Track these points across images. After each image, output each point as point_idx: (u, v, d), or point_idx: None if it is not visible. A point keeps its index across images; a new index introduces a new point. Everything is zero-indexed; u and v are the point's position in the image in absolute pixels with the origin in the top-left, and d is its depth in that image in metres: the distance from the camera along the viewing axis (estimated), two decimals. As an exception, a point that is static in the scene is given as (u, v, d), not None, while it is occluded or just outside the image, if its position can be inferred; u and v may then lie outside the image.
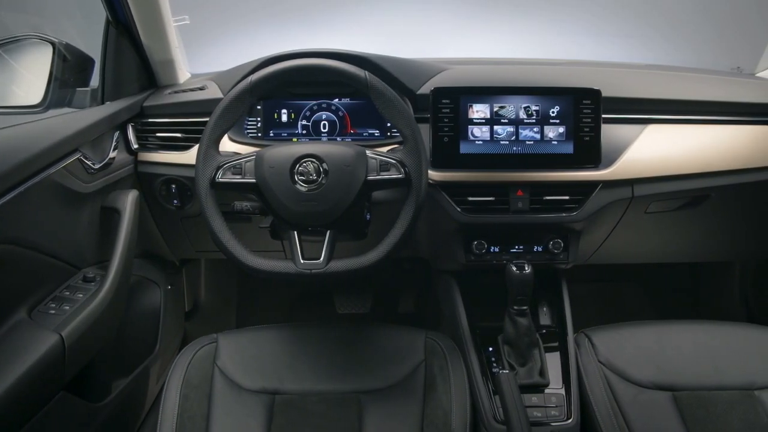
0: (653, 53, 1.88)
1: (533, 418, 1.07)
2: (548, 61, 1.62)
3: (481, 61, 1.64)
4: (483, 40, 2.40)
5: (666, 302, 1.95)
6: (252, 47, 1.98)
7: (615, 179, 1.22)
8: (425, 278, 1.81)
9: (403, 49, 2.08)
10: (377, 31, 2.46)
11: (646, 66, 1.58)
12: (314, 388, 1.15)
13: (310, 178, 1.04)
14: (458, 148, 1.21)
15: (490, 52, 2.14)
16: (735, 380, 1.16)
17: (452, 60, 1.54)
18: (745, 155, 1.28)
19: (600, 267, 1.88)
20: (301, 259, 1.06)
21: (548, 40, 2.21)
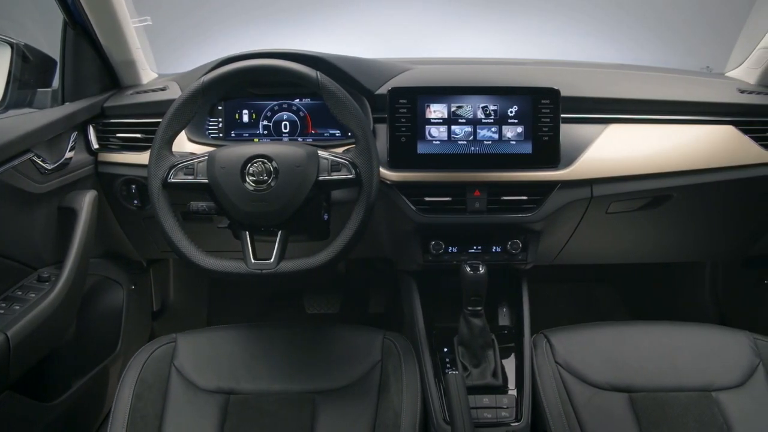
0: (626, 53, 1.87)
1: (483, 419, 1.07)
2: (513, 60, 1.62)
3: (449, 61, 1.64)
4: (479, 39, 2.39)
5: (639, 302, 1.94)
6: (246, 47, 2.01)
7: (573, 179, 1.21)
8: (394, 278, 1.81)
9: (399, 49, 2.09)
10: (373, 31, 2.46)
11: (616, 66, 1.57)
12: (270, 388, 1.15)
13: (261, 178, 1.04)
14: (415, 148, 1.21)
15: (486, 51, 2.13)
16: (693, 381, 1.15)
17: (420, 60, 1.54)
18: (707, 155, 1.27)
19: (573, 267, 1.87)
20: (253, 259, 1.06)
21: (541, 41, 2.21)
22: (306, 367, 1.18)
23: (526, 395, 1.11)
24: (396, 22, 2.42)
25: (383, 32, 2.36)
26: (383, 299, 1.88)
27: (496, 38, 2.27)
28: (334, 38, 2.42)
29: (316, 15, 2.52)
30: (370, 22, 2.46)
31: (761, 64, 1.38)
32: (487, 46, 2.27)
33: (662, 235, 1.42)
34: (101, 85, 1.32)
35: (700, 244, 1.48)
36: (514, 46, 2.27)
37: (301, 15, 2.51)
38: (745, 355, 1.19)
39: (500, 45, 2.23)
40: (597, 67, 1.57)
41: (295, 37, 2.43)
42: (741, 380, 1.15)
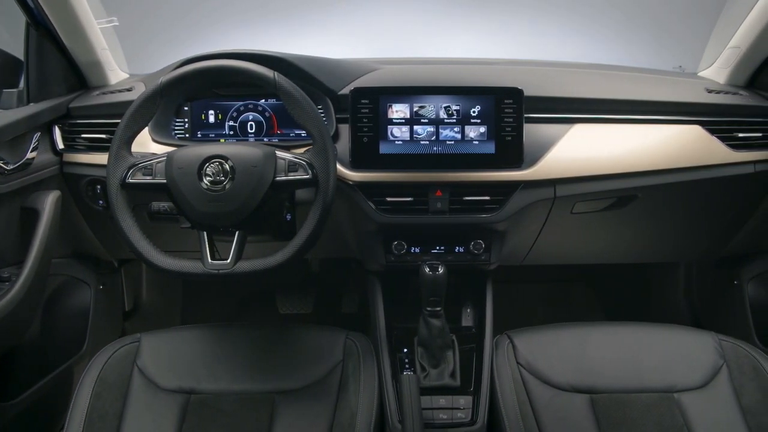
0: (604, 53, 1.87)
1: (438, 420, 1.07)
2: (481, 60, 1.62)
3: (420, 61, 1.64)
4: (475, 39, 2.39)
5: (615, 303, 1.93)
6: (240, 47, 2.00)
7: (536, 179, 1.21)
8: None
9: (395, 50, 2.09)
10: (367, 30, 2.46)
11: (587, 65, 1.57)
12: (230, 387, 1.15)
13: (217, 178, 1.04)
14: (378, 149, 1.21)
15: (482, 52, 2.12)
16: (656, 383, 1.15)
17: (391, 60, 1.54)
18: (673, 155, 1.26)
19: (549, 268, 1.87)
20: (210, 259, 1.07)
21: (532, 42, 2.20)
22: (267, 367, 1.18)
23: (483, 396, 1.11)
24: (390, 22, 2.42)
25: (376, 33, 2.36)
26: (356, 299, 1.88)
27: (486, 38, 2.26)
28: (328, 39, 2.42)
29: (311, 15, 2.53)
30: (365, 23, 2.46)
31: (730, 64, 1.38)
32: (476, 45, 2.27)
33: (630, 236, 1.41)
34: (67, 85, 1.32)
35: (671, 245, 1.48)
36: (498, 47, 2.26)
37: (296, 15, 2.51)
38: (710, 356, 1.18)
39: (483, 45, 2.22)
40: (567, 66, 1.56)
41: (291, 36, 2.44)
42: (704, 381, 1.15)
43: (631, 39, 1.88)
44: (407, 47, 2.22)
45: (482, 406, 1.10)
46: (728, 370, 1.16)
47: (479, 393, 1.11)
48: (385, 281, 1.34)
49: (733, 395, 1.13)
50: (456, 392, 1.12)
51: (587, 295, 1.95)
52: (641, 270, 1.87)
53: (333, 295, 1.89)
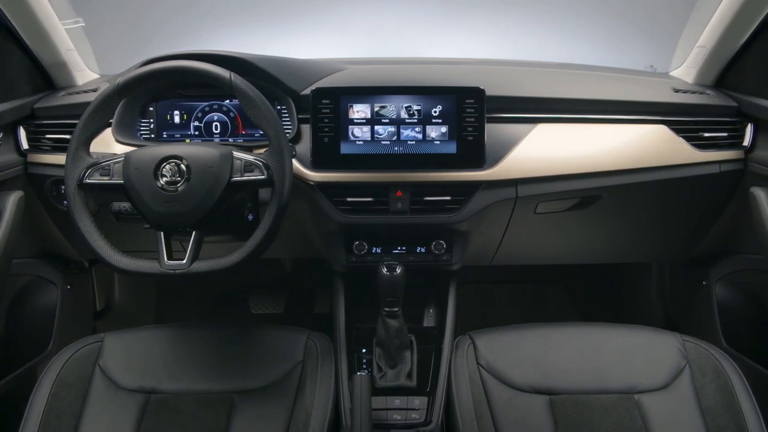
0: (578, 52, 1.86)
1: (392, 420, 1.06)
2: (447, 60, 1.61)
3: (393, 61, 1.64)
4: (469, 39, 2.39)
5: (589, 304, 1.92)
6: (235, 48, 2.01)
7: (497, 179, 1.20)
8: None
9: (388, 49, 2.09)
10: (361, 30, 2.46)
11: (556, 65, 1.56)
12: (190, 387, 1.15)
13: (173, 179, 1.05)
14: (338, 149, 1.21)
15: (476, 52, 2.12)
16: (617, 384, 1.14)
17: (360, 60, 1.54)
18: (637, 155, 1.25)
19: (523, 268, 1.86)
20: (166, 259, 1.07)
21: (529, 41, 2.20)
22: (228, 367, 1.18)
23: (438, 397, 1.11)
24: (385, 22, 2.42)
25: (371, 33, 2.36)
26: (329, 300, 1.88)
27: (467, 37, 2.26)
28: (322, 39, 2.43)
29: (305, 15, 2.53)
30: (359, 23, 2.46)
31: (697, 63, 1.37)
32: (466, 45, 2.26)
33: (598, 236, 1.40)
34: (33, 86, 1.33)
35: (640, 245, 1.47)
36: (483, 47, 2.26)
37: (290, 15, 2.52)
38: (673, 357, 1.17)
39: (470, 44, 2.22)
40: (533, 66, 1.56)
41: (283, 36, 2.44)
42: (665, 382, 1.14)
43: (608, 38, 1.88)
44: (401, 47, 2.22)
45: (437, 406, 1.09)
46: (690, 372, 1.15)
47: (435, 394, 1.11)
48: (349, 281, 1.34)
49: (694, 396, 1.12)
50: (411, 393, 1.11)
51: (562, 296, 1.94)
52: (616, 271, 1.86)
53: (306, 296, 1.89)
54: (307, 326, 1.26)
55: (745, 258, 1.34)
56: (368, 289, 1.33)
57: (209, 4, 2.48)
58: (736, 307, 1.39)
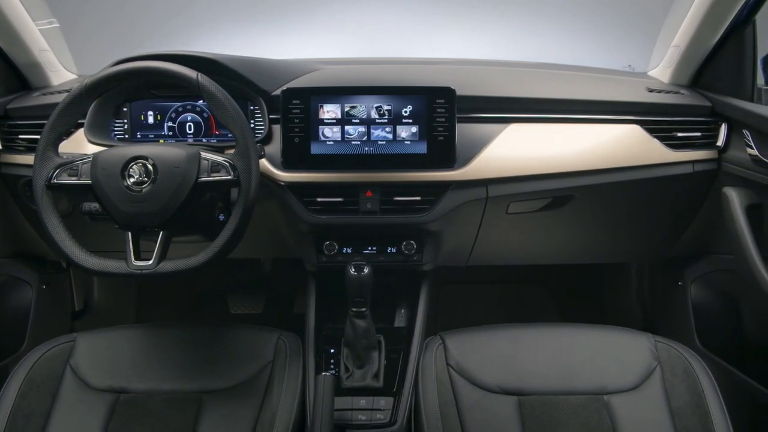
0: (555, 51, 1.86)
1: (357, 421, 1.06)
2: (421, 60, 1.61)
3: (368, 61, 1.64)
4: (464, 39, 2.38)
5: (570, 304, 1.92)
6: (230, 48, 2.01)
7: (467, 179, 1.20)
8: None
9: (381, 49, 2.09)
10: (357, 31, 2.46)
11: (532, 64, 1.56)
12: (160, 387, 1.15)
13: (140, 179, 1.05)
14: (309, 149, 1.21)
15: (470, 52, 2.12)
16: (587, 385, 1.14)
17: (336, 60, 1.54)
18: (609, 155, 1.25)
19: (505, 269, 1.86)
20: (134, 259, 1.07)
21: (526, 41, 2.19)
22: (198, 366, 1.19)
23: (404, 397, 1.10)
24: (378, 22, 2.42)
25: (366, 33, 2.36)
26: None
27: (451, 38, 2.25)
28: (318, 40, 2.43)
29: (300, 15, 2.53)
30: (353, 23, 2.47)
31: (672, 63, 1.36)
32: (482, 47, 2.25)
33: (572, 236, 1.40)
34: (6, 86, 1.33)
35: (616, 246, 1.46)
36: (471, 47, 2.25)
37: (283, 16, 2.52)
38: (644, 358, 1.17)
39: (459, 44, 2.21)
40: (506, 65, 1.56)
41: (281, 36, 2.45)
42: (636, 383, 1.14)
43: (588, 38, 1.87)
44: (399, 48, 2.22)
45: (403, 407, 1.09)
46: (661, 373, 1.15)
47: (401, 394, 1.11)
48: (321, 281, 1.34)
49: (664, 397, 1.12)
50: (378, 393, 1.11)
51: (545, 297, 1.94)
52: (596, 271, 1.85)
53: (285, 296, 1.89)
54: (286, 326, 1.26)
55: (719, 258, 1.34)
56: (340, 289, 1.33)
57: (205, 4, 2.48)
58: (710, 308, 1.39)
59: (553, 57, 1.68)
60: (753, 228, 1.14)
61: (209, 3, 2.52)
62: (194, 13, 2.40)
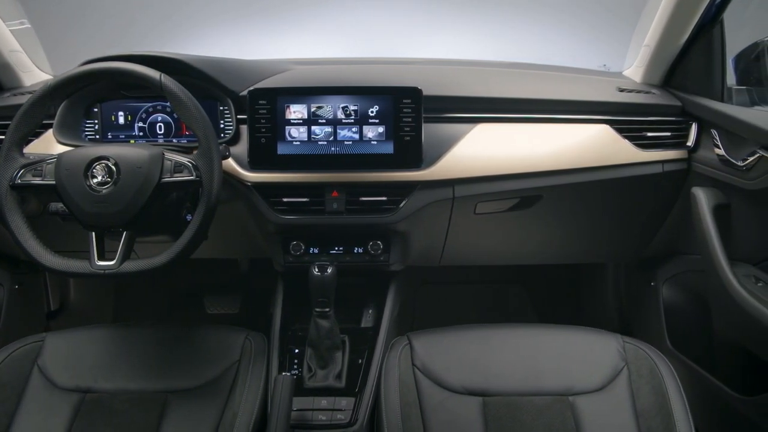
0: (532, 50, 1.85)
1: (317, 421, 1.06)
2: (390, 60, 1.61)
3: (342, 61, 1.63)
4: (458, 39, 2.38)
5: (548, 305, 1.91)
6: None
7: (434, 180, 1.20)
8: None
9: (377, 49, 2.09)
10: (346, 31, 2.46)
11: (505, 64, 1.56)
12: (126, 386, 1.16)
13: (103, 179, 1.06)
14: (275, 149, 1.21)
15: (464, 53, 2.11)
16: (553, 386, 1.13)
17: (311, 60, 1.54)
18: (578, 155, 1.25)
19: (484, 269, 1.85)
20: (97, 260, 1.07)
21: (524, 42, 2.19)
22: (164, 366, 1.19)
23: (365, 398, 1.10)
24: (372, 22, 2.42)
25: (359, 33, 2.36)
26: None
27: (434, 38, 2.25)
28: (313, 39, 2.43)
29: (295, 15, 2.54)
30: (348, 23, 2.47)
31: (644, 62, 1.36)
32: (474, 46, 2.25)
33: (542, 237, 1.39)
34: None
35: (587, 246, 1.46)
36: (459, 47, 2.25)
37: (278, 15, 2.52)
38: (611, 358, 1.16)
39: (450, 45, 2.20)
40: (481, 65, 1.55)
41: (273, 35, 2.45)
42: (602, 384, 1.13)
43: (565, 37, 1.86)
44: (390, 48, 2.22)
45: (364, 407, 1.09)
46: (628, 373, 1.14)
47: (363, 394, 1.11)
48: (290, 282, 1.34)
49: (630, 398, 1.11)
50: (339, 393, 1.11)
51: (522, 297, 1.93)
52: (574, 272, 1.85)
53: (261, 296, 1.89)
54: (261, 326, 1.26)
55: (690, 259, 1.33)
56: (307, 290, 1.34)
57: (200, 4, 2.49)
58: (680, 308, 1.38)
59: (532, 56, 1.68)
60: (720, 228, 1.14)
61: (204, 3, 2.52)
62: (188, 14, 2.41)
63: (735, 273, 1.08)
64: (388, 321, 1.26)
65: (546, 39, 1.88)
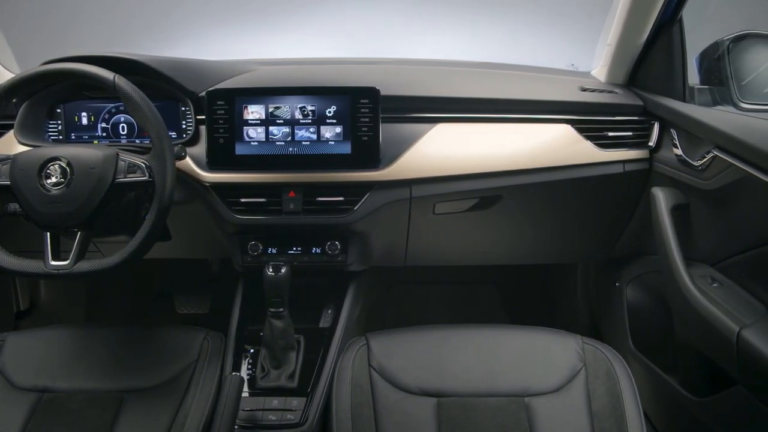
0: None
1: (267, 421, 1.06)
2: (350, 60, 1.61)
3: (312, 61, 1.64)
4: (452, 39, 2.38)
5: (519, 305, 1.90)
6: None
7: (391, 180, 1.20)
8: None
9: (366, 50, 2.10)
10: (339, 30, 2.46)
11: (472, 64, 1.55)
12: (84, 386, 1.16)
13: (57, 180, 1.06)
14: (233, 150, 1.21)
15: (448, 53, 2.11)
16: (509, 386, 1.13)
17: (278, 61, 1.54)
18: (538, 154, 1.24)
19: (457, 269, 1.85)
20: (51, 259, 1.08)
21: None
22: (122, 366, 1.19)
23: (316, 398, 1.10)
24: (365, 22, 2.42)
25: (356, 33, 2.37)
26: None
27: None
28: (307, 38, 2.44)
29: (292, 16, 2.54)
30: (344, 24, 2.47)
31: (607, 62, 1.35)
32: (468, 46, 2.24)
33: (506, 237, 1.39)
34: None
35: (554, 246, 1.45)
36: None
37: (273, 16, 2.53)
38: (569, 359, 1.15)
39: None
40: (445, 65, 1.55)
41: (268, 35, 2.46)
42: (559, 385, 1.12)
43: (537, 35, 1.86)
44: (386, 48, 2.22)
45: (314, 407, 1.09)
46: (586, 374, 1.14)
47: (314, 395, 1.11)
48: (250, 281, 1.34)
49: (585, 399, 1.10)
50: (291, 393, 1.11)
51: (494, 298, 1.93)
52: (545, 272, 1.84)
53: (232, 296, 1.89)
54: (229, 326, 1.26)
55: (652, 259, 1.32)
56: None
57: (195, 4, 2.50)
58: (642, 309, 1.37)
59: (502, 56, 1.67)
60: (679, 229, 1.13)
61: (198, 3, 2.54)
62: (184, 14, 2.42)
63: (690, 274, 1.07)
64: (345, 321, 1.25)
65: (516, 39, 1.87)
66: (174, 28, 2.42)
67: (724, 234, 1.08)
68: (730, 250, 1.05)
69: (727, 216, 1.05)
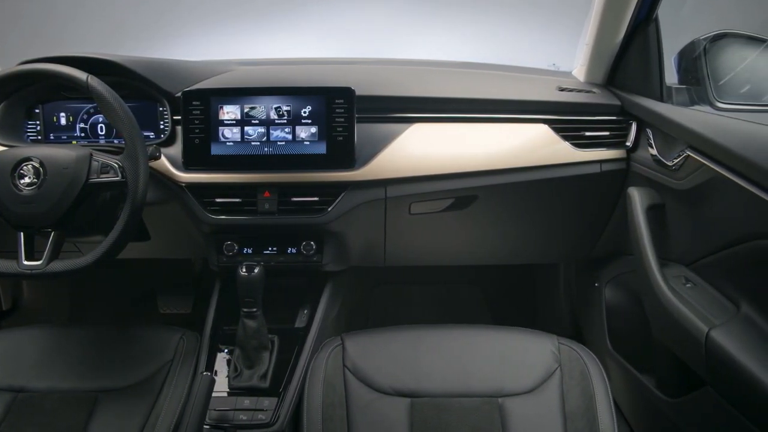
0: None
1: (238, 421, 1.06)
2: (327, 60, 1.61)
3: (290, 61, 1.64)
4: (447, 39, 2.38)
5: (502, 305, 1.90)
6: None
7: (365, 180, 1.20)
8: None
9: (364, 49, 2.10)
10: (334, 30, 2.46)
11: (452, 64, 1.55)
12: (58, 386, 1.16)
13: (30, 180, 1.07)
14: (209, 150, 1.21)
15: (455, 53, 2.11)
16: (484, 387, 1.12)
17: (259, 61, 1.54)
18: (514, 154, 1.24)
19: (441, 270, 1.85)
20: (24, 260, 1.08)
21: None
22: (97, 366, 1.20)
23: (288, 398, 1.10)
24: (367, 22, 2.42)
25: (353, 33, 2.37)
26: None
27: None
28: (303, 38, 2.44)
29: (289, 16, 2.55)
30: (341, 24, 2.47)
31: (586, 61, 1.35)
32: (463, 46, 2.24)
33: (483, 237, 1.39)
34: None
35: (533, 246, 1.45)
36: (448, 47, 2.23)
37: (268, 16, 2.53)
38: (545, 360, 1.15)
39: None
40: (422, 65, 1.55)
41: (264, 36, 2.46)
42: (533, 386, 1.12)
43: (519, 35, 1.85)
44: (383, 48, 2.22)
45: (285, 407, 1.09)
46: (561, 375, 1.13)
47: (286, 395, 1.11)
48: (227, 281, 1.34)
49: (559, 400, 1.10)
50: (263, 393, 1.11)
51: (478, 298, 1.92)
52: (528, 273, 1.83)
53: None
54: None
55: (630, 259, 1.32)
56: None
57: (191, 4, 2.51)
58: (619, 309, 1.36)
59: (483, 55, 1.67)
60: (653, 228, 1.13)
61: (194, 4, 2.54)
62: (180, 14, 2.43)
63: (665, 274, 1.07)
64: (320, 321, 1.25)
65: (498, 38, 1.87)
66: (168, 30, 2.42)
67: (697, 234, 1.07)
68: (703, 250, 1.05)
69: (700, 216, 1.05)
